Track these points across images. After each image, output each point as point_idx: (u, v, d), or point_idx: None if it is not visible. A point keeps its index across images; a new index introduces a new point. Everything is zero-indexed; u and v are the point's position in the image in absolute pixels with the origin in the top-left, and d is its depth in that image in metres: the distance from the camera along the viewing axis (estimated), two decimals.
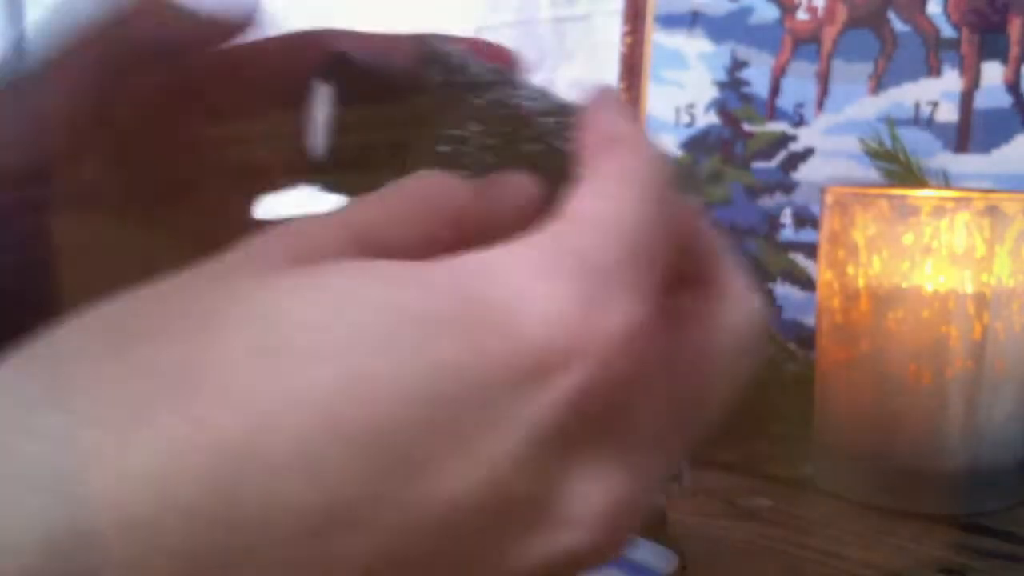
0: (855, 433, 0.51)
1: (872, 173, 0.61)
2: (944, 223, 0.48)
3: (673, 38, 0.75)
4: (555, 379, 0.19)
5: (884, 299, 0.49)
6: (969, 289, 0.48)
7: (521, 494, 0.19)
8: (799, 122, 0.69)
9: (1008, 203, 0.48)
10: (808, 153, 0.69)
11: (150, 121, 0.30)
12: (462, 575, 0.19)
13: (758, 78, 0.71)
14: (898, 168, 0.59)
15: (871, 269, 0.50)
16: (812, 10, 0.69)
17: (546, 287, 0.19)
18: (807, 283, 0.67)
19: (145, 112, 0.29)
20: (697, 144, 0.74)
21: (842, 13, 0.67)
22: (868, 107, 0.66)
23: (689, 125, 0.74)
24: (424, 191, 0.22)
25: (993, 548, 0.42)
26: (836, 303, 0.51)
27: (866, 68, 0.66)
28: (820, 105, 0.68)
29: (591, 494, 0.20)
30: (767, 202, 0.70)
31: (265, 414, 0.17)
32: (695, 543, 0.42)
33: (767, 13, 0.71)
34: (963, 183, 0.61)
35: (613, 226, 0.21)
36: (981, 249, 0.48)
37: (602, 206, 0.21)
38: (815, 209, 0.66)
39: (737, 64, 0.72)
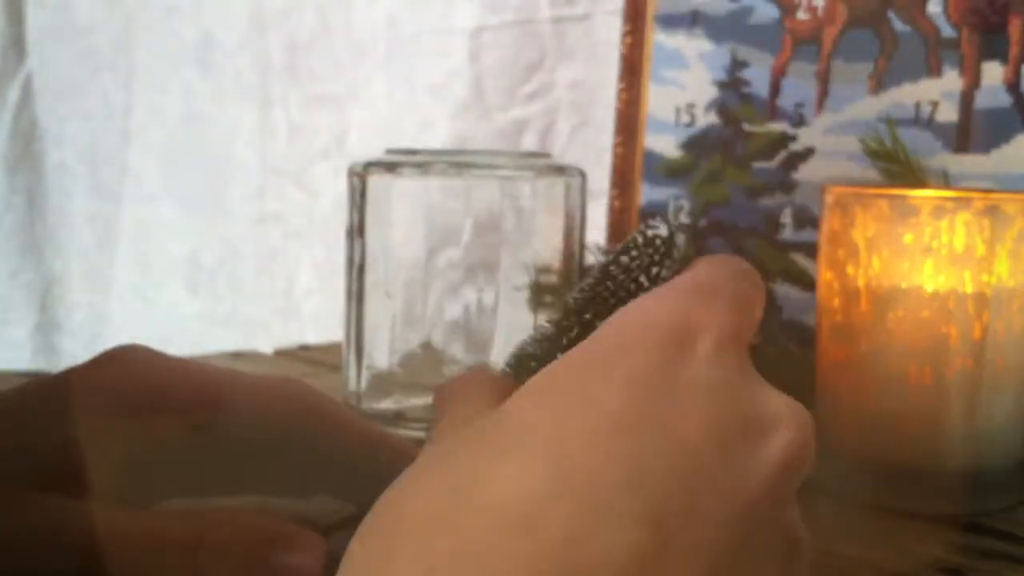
0: (855, 433, 0.51)
1: (872, 173, 0.61)
2: (944, 223, 0.48)
3: (673, 38, 0.75)
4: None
5: (884, 299, 0.49)
6: (969, 289, 0.48)
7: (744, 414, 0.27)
8: (799, 122, 0.69)
9: (1008, 203, 0.48)
10: (808, 153, 0.69)
11: None
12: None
13: (758, 78, 0.71)
14: (898, 168, 0.59)
15: (871, 269, 0.50)
16: (812, 10, 0.69)
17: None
18: (807, 283, 0.67)
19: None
20: (697, 144, 0.74)
21: (842, 13, 0.67)
22: (868, 107, 0.66)
23: (689, 125, 0.74)
24: None
25: (993, 548, 0.42)
26: (836, 303, 0.51)
27: (866, 68, 0.66)
28: (820, 105, 0.68)
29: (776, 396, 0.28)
30: (767, 202, 0.70)
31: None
32: None
33: (767, 13, 0.71)
34: (963, 183, 0.61)
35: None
36: (981, 249, 0.48)
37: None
38: (815, 209, 0.66)
39: (737, 64, 0.72)
